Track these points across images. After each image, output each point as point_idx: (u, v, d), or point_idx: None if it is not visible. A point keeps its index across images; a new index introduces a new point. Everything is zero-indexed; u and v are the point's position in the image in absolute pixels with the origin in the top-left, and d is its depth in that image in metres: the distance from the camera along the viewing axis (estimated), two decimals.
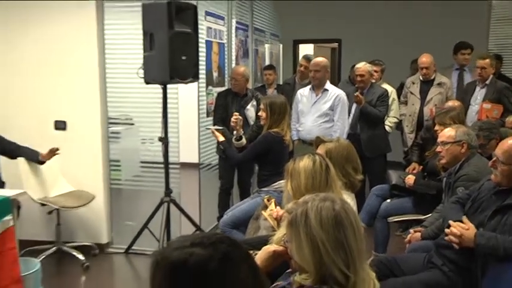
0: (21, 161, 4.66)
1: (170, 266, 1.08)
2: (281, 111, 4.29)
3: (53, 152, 4.66)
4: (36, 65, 5.05)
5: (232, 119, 4.52)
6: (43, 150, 4.68)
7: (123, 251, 5.13)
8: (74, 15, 4.92)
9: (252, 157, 4.47)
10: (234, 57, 6.33)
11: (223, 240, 1.12)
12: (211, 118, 5.59)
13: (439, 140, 3.77)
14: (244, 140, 4.53)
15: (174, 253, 1.09)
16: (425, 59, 5.85)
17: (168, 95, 4.72)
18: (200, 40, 4.90)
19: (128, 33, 4.89)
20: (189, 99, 5.52)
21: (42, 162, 4.71)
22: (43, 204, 4.67)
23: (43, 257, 4.59)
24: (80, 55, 4.97)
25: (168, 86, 4.67)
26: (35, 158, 4.69)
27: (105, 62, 5.02)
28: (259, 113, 4.43)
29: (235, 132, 4.53)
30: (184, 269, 1.06)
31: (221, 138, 4.52)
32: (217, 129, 4.62)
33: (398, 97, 6.24)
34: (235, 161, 4.72)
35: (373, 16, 8.71)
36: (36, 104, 5.07)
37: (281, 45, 9.15)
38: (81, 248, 4.94)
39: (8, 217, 3.75)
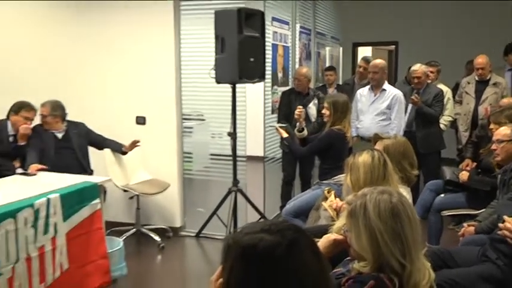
0: (107, 151, 4.84)
1: (241, 249, 1.09)
2: (343, 110, 4.25)
3: (134, 144, 4.81)
4: (120, 67, 5.21)
5: (296, 112, 4.52)
6: (125, 142, 4.85)
7: (194, 234, 5.23)
8: (153, 20, 5.04)
9: (315, 151, 4.45)
10: (297, 59, 6.31)
11: (290, 227, 1.12)
12: (275, 115, 5.60)
13: (494, 138, 3.63)
14: (305, 132, 4.52)
15: (245, 238, 1.10)
16: (481, 60, 5.62)
17: (237, 94, 4.76)
18: (267, 43, 4.90)
19: (201, 37, 4.96)
20: (255, 97, 5.55)
21: (125, 153, 4.87)
22: (125, 190, 4.84)
23: (125, 236, 4.78)
24: (159, 58, 5.09)
25: (237, 85, 4.71)
26: (118, 149, 4.86)
27: (181, 64, 5.12)
28: (323, 111, 4.39)
29: (298, 124, 4.53)
30: (254, 253, 1.07)
31: (285, 135, 4.52)
32: (281, 127, 4.62)
33: (454, 97, 6.04)
34: (299, 155, 4.71)
35: (429, 19, 8.49)
36: (120, 101, 5.24)
37: (341, 48, 9.04)
38: (157, 231, 5.07)
39: (96, 201, 3.91)
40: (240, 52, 4.30)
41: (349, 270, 1.82)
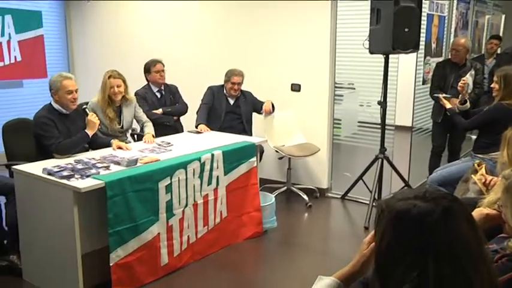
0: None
1: (395, 214, 1.04)
2: None
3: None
4: (283, 41, 5.26)
5: (460, 84, 4.15)
6: (282, 107, 4.94)
7: (339, 196, 5.21)
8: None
9: (479, 125, 4.00)
10: (453, 29, 5.80)
11: (445, 196, 1.05)
12: (426, 86, 5.25)
13: None
14: (468, 104, 4.11)
15: (399, 203, 1.05)
16: None
17: (389, 64, 4.52)
18: (422, 14, 4.57)
19: (355, 9, 4.80)
20: (407, 68, 5.24)
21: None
22: (277, 151, 4.95)
23: (276, 193, 4.91)
24: (316, 30, 5.03)
25: (390, 55, 4.48)
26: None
27: (336, 36, 5.01)
28: (492, 84, 3.95)
29: (460, 96, 4.18)
30: (407, 218, 1.01)
31: (448, 106, 4.21)
32: (444, 97, 4.33)
33: None
34: (462, 127, 4.30)
35: None
36: (278, 70, 5.32)
37: (503, 16, 8.07)
38: (305, 190, 5.14)
39: (253, 159, 4.07)
40: (395, 23, 4.07)
41: (504, 248, 1.63)
